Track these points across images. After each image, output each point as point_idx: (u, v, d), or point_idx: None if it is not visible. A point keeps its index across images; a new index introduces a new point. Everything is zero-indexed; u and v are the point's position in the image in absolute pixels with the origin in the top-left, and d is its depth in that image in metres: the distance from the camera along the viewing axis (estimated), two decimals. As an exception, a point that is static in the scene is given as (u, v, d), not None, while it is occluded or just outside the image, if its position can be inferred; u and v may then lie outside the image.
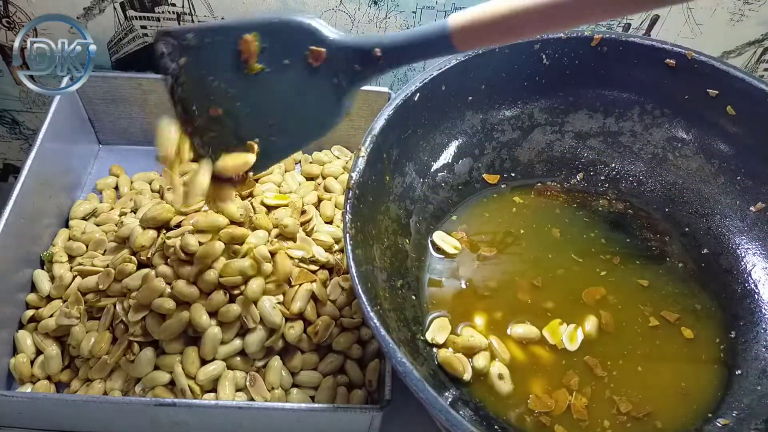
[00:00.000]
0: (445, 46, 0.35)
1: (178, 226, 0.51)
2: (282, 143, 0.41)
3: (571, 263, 0.53)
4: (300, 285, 0.50)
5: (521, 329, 0.48)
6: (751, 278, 0.52)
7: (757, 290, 0.52)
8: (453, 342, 0.47)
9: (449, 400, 0.43)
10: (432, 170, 0.55)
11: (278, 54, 0.38)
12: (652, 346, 0.49)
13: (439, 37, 0.35)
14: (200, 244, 0.49)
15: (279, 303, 0.49)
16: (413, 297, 0.49)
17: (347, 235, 0.41)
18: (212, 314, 0.48)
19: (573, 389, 0.46)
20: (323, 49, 0.38)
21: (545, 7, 0.32)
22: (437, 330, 0.47)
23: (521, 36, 0.34)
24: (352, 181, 0.44)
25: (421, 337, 0.46)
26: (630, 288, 0.52)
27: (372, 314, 0.38)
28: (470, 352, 0.46)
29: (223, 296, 0.48)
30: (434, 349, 0.46)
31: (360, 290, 0.39)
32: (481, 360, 0.46)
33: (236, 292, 0.49)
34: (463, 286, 0.51)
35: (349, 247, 0.41)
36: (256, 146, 0.40)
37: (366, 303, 0.38)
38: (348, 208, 0.42)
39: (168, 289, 0.48)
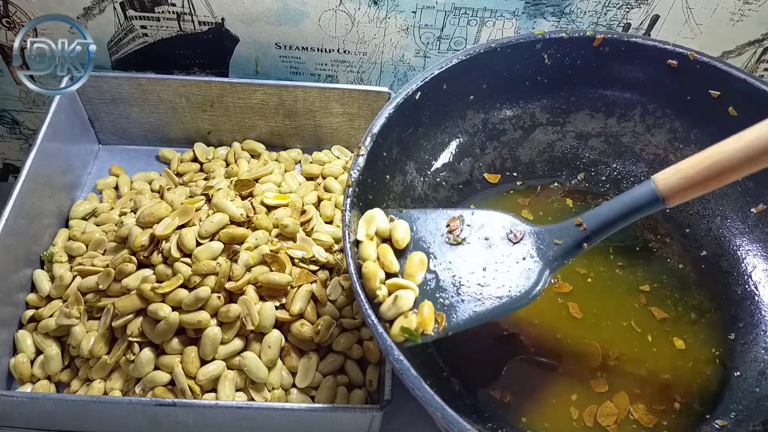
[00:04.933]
0: (655, 207, 0.39)
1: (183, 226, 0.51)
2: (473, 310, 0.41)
3: (569, 264, 0.53)
4: (300, 286, 0.50)
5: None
6: (751, 280, 0.52)
7: (757, 292, 0.52)
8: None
9: (446, 398, 0.43)
10: (433, 169, 0.55)
11: (478, 233, 0.43)
12: (650, 346, 0.49)
13: (650, 201, 0.39)
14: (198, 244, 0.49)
15: (280, 305, 0.49)
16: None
17: (347, 234, 0.41)
18: (212, 315, 0.48)
19: (573, 390, 0.46)
20: (523, 228, 0.43)
21: (747, 153, 0.35)
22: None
23: (728, 181, 0.37)
24: (352, 179, 0.44)
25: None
26: (629, 289, 0.52)
27: (370, 312, 0.38)
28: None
29: (218, 301, 0.48)
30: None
31: (359, 289, 0.39)
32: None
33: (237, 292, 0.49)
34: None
35: (348, 247, 0.41)
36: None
37: (365, 301, 0.38)
38: (347, 207, 0.42)
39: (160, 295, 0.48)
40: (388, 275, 0.41)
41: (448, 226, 0.43)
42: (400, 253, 0.42)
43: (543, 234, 0.43)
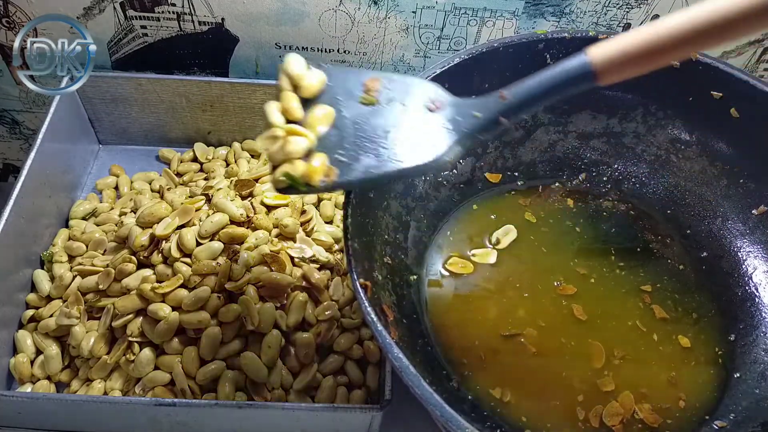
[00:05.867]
0: (586, 82, 0.36)
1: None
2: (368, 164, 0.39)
3: (570, 264, 0.53)
4: (294, 298, 0.50)
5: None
6: (752, 281, 0.52)
7: (757, 293, 0.52)
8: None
9: (445, 396, 0.43)
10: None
11: (396, 97, 0.40)
12: (650, 347, 0.49)
13: (579, 74, 0.36)
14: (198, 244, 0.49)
15: (279, 305, 0.49)
16: (413, 294, 0.49)
17: (347, 231, 0.41)
18: (212, 315, 0.48)
19: (574, 391, 0.46)
20: (445, 99, 0.39)
21: (690, 30, 0.32)
22: None
23: (666, 62, 0.34)
24: None
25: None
26: (629, 289, 0.52)
27: (370, 310, 0.38)
28: None
29: (218, 300, 0.48)
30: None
31: (359, 287, 0.39)
32: None
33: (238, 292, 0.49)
34: (463, 285, 0.51)
35: (349, 244, 0.41)
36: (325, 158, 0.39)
37: (364, 299, 0.38)
38: (348, 205, 0.42)
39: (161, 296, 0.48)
40: (289, 122, 0.39)
41: (365, 85, 0.40)
42: (309, 104, 0.40)
43: (462, 106, 0.39)
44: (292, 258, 0.52)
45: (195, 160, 0.65)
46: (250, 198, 0.55)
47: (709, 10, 0.32)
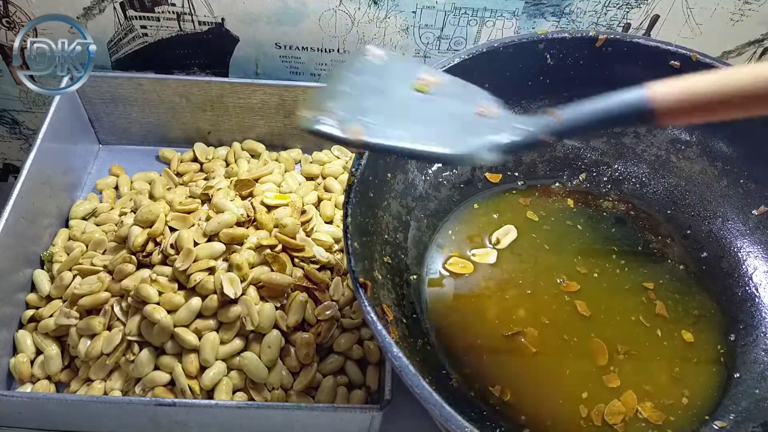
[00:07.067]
0: (644, 120, 0.34)
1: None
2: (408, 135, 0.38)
3: (571, 264, 0.53)
4: (294, 298, 0.50)
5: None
6: (752, 282, 0.52)
7: (757, 294, 0.52)
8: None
9: (445, 395, 0.43)
10: (434, 168, 0.55)
11: (448, 94, 0.39)
12: (650, 347, 0.49)
13: (638, 110, 0.33)
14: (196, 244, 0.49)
15: (280, 305, 0.49)
16: (413, 294, 0.49)
17: (347, 230, 0.41)
18: (212, 315, 0.48)
19: (578, 389, 0.46)
20: (496, 107, 0.39)
21: (760, 90, 0.31)
22: None
23: (734, 114, 0.32)
24: (353, 177, 0.43)
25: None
26: (632, 286, 0.52)
27: (369, 310, 0.38)
28: None
29: (216, 302, 0.48)
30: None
31: (359, 287, 0.39)
32: None
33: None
34: (463, 284, 0.51)
35: (349, 243, 0.41)
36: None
37: (364, 299, 0.38)
38: (348, 204, 0.42)
39: (157, 296, 0.48)
40: None
41: (421, 76, 0.40)
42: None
43: (511, 119, 0.38)
44: (292, 258, 0.52)
45: (195, 160, 0.65)
46: (250, 198, 0.55)
47: None
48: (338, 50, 0.65)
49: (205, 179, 0.61)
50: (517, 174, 0.58)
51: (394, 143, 0.36)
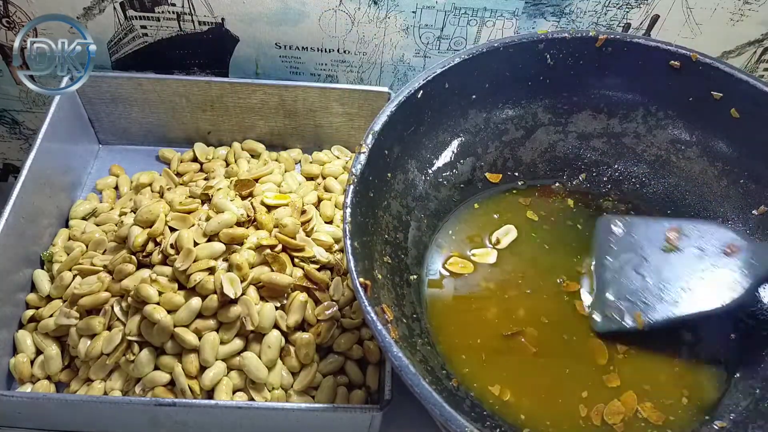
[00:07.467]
0: None
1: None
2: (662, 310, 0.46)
3: (571, 264, 0.53)
4: (294, 298, 0.50)
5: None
6: (753, 281, 0.52)
7: (757, 293, 0.51)
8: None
9: (445, 395, 0.43)
10: (434, 168, 0.55)
11: (693, 243, 0.46)
12: (650, 347, 0.49)
13: None
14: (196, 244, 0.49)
15: (280, 305, 0.49)
16: (413, 294, 0.49)
17: (347, 230, 0.41)
18: (212, 315, 0.48)
19: (578, 388, 0.46)
20: (741, 243, 0.44)
21: None
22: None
23: None
24: (353, 177, 0.43)
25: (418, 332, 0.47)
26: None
27: (369, 309, 0.38)
28: None
29: (217, 302, 0.48)
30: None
31: (359, 287, 0.39)
32: None
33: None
34: (463, 284, 0.51)
35: (349, 243, 0.41)
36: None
37: (364, 299, 0.38)
38: (348, 204, 0.42)
39: (157, 296, 0.48)
40: None
41: (667, 234, 0.46)
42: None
43: (761, 250, 0.43)
44: (292, 258, 0.52)
45: (195, 160, 0.65)
46: (250, 198, 0.55)
47: None
48: (338, 50, 0.65)
49: (205, 179, 0.61)
50: (517, 174, 0.58)
51: (668, 321, 0.44)
